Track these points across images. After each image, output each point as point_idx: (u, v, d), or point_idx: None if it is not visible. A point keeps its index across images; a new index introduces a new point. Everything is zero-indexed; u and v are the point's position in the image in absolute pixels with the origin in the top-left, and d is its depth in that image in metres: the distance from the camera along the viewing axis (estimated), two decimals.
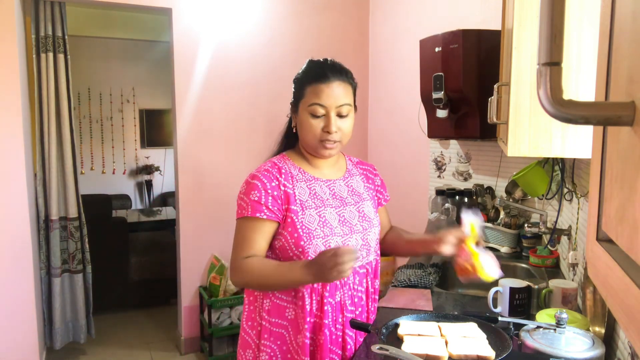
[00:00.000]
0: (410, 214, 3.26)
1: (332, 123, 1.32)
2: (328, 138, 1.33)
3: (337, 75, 1.34)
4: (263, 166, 1.39)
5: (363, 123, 3.71)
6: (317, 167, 1.43)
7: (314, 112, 1.32)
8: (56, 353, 3.24)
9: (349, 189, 1.45)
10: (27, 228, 2.84)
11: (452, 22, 2.62)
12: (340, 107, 1.33)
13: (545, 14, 0.40)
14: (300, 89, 1.36)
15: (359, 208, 1.43)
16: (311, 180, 1.40)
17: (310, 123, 1.33)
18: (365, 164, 1.59)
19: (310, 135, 1.34)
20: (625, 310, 0.38)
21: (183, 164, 3.21)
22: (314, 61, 1.41)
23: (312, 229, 1.32)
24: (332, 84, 1.32)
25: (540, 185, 2.06)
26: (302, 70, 1.40)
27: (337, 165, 1.48)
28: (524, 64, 1.28)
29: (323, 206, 1.37)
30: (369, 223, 1.43)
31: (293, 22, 3.39)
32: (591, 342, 1.18)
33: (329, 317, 1.34)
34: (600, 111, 0.39)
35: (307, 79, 1.35)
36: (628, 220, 0.39)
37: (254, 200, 1.32)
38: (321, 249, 1.31)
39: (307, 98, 1.33)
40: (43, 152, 3.07)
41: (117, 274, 4.00)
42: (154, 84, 6.25)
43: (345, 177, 1.47)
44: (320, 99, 1.31)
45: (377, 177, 1.57)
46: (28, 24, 3.11)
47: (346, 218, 1.38)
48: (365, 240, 1.41)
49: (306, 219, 1.33)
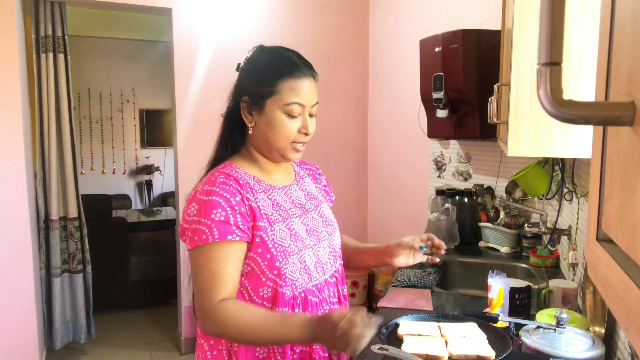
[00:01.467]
0: (410, 214, 3.26)
1: (310, 124, 1.17)
2: (303, 140, 1.18)
3: (310, 69, 1.19)
4: (213, 179, 1.15)
5: (363, 123, 3.71)
6: (270, 172, 1.24)
7: (292, 112, 1.14)
8: (56, 353, 3.24)
9: (305, 193, 1.29)
10: (27, 228, 2.84)
11: (452, 22, 2.62)
12: (314, 106, 1.19)
13: (545, 14, 0.40)
14: (269, 85, 1.15)
15: (320, 212, 1.28)
16: (269, 189, 1.20)
17: (285, 123, 1.15)
18: (308, 163, 1.42)
19: (283, 137, 1.16)
20: (625, 310, 0.38)
21: (183, 164, 3.21)
22: (276, 50, 1.22)
23: (286, 246, 1.14)
24: (308, 80, 1.17)
25: (540, 185, 2.06)
26: (265, 60, 1.20)
27: (287, 170, 1.31)
28: (524, 64, 1.28)
29: (288, 217, 1.19)
30: (332, 227, 1.29)
31: (293, 22, 3.39)
32: (591, 342, 1.18)
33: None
34: (600, 111, 0.39)
35: (281, 73, 1.15)
36: (628, 220, 0.39)
37: (219, 220, 1.08)
38: (297, 267, 1.14)
39: (282, 95, 1.14)
40: (43, 152, 3.07)
41: (117, 274, 4.00)
42: (154, 84, 6.25)
43: (298, 181, 1.30)
44: (300, 97, 1.14)
45: (323, 177, 1.41)
46: (28, 24, 3.11)
47: (311, 226, 1.23)
48: (332, 247, 1.26)
49: (277, 235, 1.14)
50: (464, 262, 2.23)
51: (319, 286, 1.21)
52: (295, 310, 1.15)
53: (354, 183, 3.69)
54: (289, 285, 1.14)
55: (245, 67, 1.23)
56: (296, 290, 1.16)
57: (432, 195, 2.71)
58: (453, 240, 2.40)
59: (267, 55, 1.21)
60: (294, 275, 1.15)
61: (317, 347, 1.19)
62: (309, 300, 1.18)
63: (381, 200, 3.62)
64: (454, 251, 2.37)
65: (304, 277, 1.17)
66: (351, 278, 3.32)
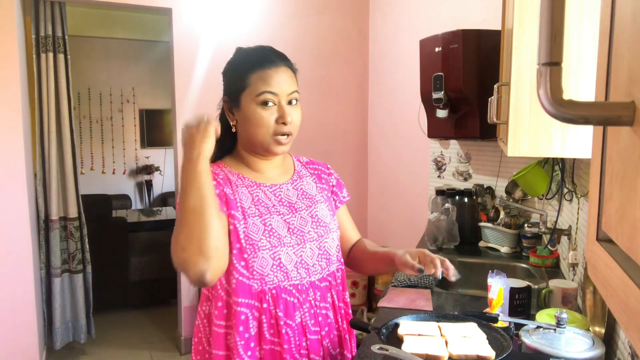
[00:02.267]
0: (410, 214, 3.26)
1: (286, 112, 1.16)
2: (283, 131, 1.17)
3: (282, 59, 1.20)
4: None
5: (363, 123, 3.71)
6: (260, 171, 1.25)
7: (264, 101, 1.15)
8: (56, 353, 3.24)
9: (298, 192, 1.27)
10: (27, 228, 2.84)
11: (452, 22, 2.62)
12: (290, 94, 1.18)
13: (545, 14, 0.40)
14: (241, 79, 1.17)
15: (311, 213, 1.25)
16: (252, 185, 1.21)
17: (261, 115, 1.15)
18: (317, 163, 1.40)
19: (262, 130, 1.16)
20: (625, 310, 0.38)
21: None
22: (250, 48, 1.24)
23: (257, 240, 1.14)
24: (280, 69, 1.17)
25: (540, 185, 2.06)
26: (238, 59, 1.22)
27: (284, 167, 1.30)
28: (524, 64, 1.28)
29: (268, 213, 1.18)
30: (324, 229, 1.25)
31: (293, 22, 3.39)
32: (591, 342, 1.18)
33: (290, 343, 1.17)
34: (600, 111, 0.39)
35: (250, 66, 1.17)
36: (628, 220, 0.39)
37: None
38: (269, 262, 1.15)
39: (253, 87, 1.15)
40: (43, 152, 3.07)
41: (117, 274, 4.00)
42: (154, 84, 6.25)
43: (294, 179, 1.29)
44: (270, 85, 1.15)
45: (332, 177, 1.39)
46: (28, 24, 3.11)
47: (296, 226, 1.21)
48: (323, 249, 1.23)
49: (249, 228, 1.14)
50: (464, 262, 2.23)
51: (299, 287, 1.19)
52: (263, 306, 1.15)
53: (354, 183, 3.69)
54: (257, 279, 1.15)
55: (224, 69, 1.26)
56: (266, 286, 1.16)
57: (432, 195, 2.71)
58: (453, 240, 2.40)
59: (241, 53, 1.24)
60: (263, 270, 1.15)
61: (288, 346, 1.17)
62: (283, 299, 1.17)
63: (381, 200, 3.62)
64: (454, 251, 2.37)
65: (277, 275, 1.16)
66: (351, 278, 3.32)
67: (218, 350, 1.18)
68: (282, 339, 1.16)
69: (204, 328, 1.23)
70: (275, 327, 1.17)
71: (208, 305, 1.23)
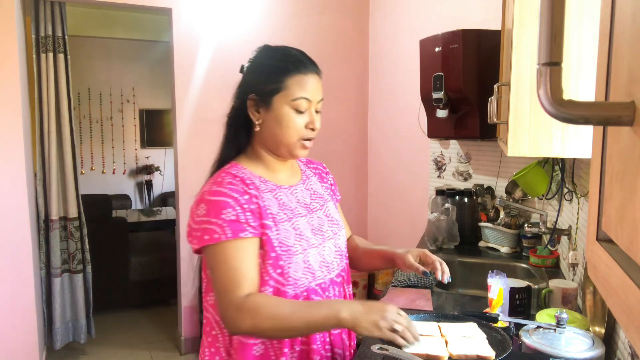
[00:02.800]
0: (410, 214, 3.26)
1: (316, 119, 1.19)
2: (310, 136, 1.19)
3: (315, 66, 1.20)
4: (220, 179, 1.15)
5: (363, 123, 3.71)
6: (276, 172, 1.24)
7: (299, 107, 1.16)
8: (56, 353, 3.24)
9: (310, 192, 1.29)
10: (27, 228, 2.84)
11: (452, 22, 2.62)
12: (319, 102, 1.20)
13: (545, 14, 0.40)
14: (276, 81, 1.16)
15: (325, 212, 1.28)
16: (275, 189, 1.20)
17: (293, 119, 1.16)
18: (314, 162, 1.42)
19: (291, 133, 1.17)
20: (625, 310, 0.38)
21: (183, 164, 3.21)
22: (282, 49, 1.23)
23: (290, 245, 1.14)
24: (314, 76, 1.18)
25: (540, 185, 2.06)
26: (271, 59, 1.22)
27: (293, 169, 1.31)
28: (524, 64, 1.28)
29: (294, 216, 1.19)
30: (337, 226, 1.29)
31: (293, 22, 3.39)
32: (591, 342, 1.18)
33: (317, 341, 1.19)
34: (600, 111, 0.39)
35: (288, 69, 1.17)
36: (628, 220, 0.39)
37: (230, 220, 1.08)
38: (300, 266, 1.15)
39: (290, 90, 1.15)
40: (43, 152, 3.07)
41: (117, 274, 4.00)
42: (154, 84, 6.26)
43: (304, 180, 1.31)
44: (307, 92, 1.16)
45: (330, 176, 1.42)
46: (28, 24, 3.11)
47: (316, 226, 1.23)
48: (337, 246, 1.27)
49: (282, 235, 1.14)
50: (464, 262, 2.23)
51: (323, 285, 1.21)
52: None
53: (354, 183, 3.69)
54: (292, 284, 1.15)
55: (252, 66, 1.24)
56: (298, 290, 1.16)
57: (432, 195, 2.71)
58: (453, 240, 2.40)
59: (273, 53, 1.23)
60: (296, 275, 1.15)
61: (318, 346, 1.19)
62: (312, 300, 1.18)
63: (381, 200, 3.62)
64: (454, 251, 2.37)
65: (307, 277, 1.17)
66: (351, 278, 3.31)
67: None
68: (310, 339, 1.18)
69: (223, 338, 1.18)
70: None
71: None
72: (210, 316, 1.22)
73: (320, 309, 1.04)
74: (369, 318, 1.00)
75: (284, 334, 1.09)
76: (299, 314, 1.04)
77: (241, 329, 1.06)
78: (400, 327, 0.99)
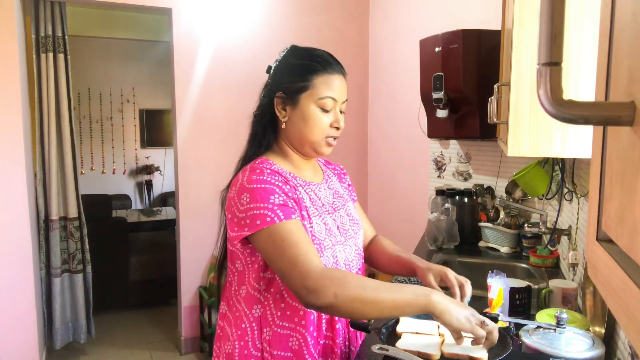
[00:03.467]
0: (410, 214, 3.26)
1: (341, 118, 1.22)
2: (334, 134, 1.22)
3: (341, 67, 1.25)
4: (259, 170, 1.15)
5: (363, 123, 3.71)
6: (302, 169, 1.27)
7: (325, 106, 1.19)
8: (56, 353, 3.25)
9: (332, 192, 1.32)
10: (27, 228, 2.84)
11: (452, 22, 2.62)
12: (344, 102, 1.24)
13: (545, 14, 0.40)
14: (304, 80, 1.19)
15: (347, 211, 1.32)
16: (305, 185, 1.23)
17: (320, 117, 1.19)
18: (332, 163, 1.46)
19: (317, 131, 1.19)
20: (625, 310, 0.38)
21: (183, 164, 3.21)
22: (310, 49, 1.28)
23: (322, 239, 1.17)
24: (340, 77, 1.23)
25: (540, 185, 2.06)
26: (298, 58, 1.25)
27: (315, 168, 1.34)
28: (524, 64, 1.28)
29: (325, 212, 1.23)
30: (357, 226, 1.33)
31: (293, 22, 3.39)
32: (591, 342, 1.18)
33: (339, 336, 1.22)
34: (600, 111, 0.39)
35: (315, 68, 1.20)
36: (628, 220, 0.39)
37: (279, 204, 1.09)
38: (330, 260, 1.17)
39: (316, 89, 1.18)
40: (43, 152, 3.07)
41: (117, 274, 4.00)
42: (154, 84, 6.26)
43: (326, 179, 1.34)
44: (333, 91, 1.19)
45: (347, 177, 1.46)
46: (28, 24, 3.11)
47: (340, 224, 1.27)
48: (357, 245, 1.30)
49: (315, 228, 1.17)
50: (464, 262, 2.23)
51: None
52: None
53: (354, 183, 3.67)
54: None
55: (279, 66, 1.26)
56: None
57: (432, 195, 2.71)
58: (453, 240, 2.40)
59: (301, 53, 1.26)
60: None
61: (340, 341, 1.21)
62: None
63: (381, 200, 3.62)
64: (454, 251, 2.37)
65: None
66: None
67: (281, 351, 1.16)
68: (335, 334, 1.20)
69: (252, 331, 1.19)
70: (329, 323, 1.21)
71: (260, 308, 1.19)
72: (241, 309, 1.21)
73: (409, 287, 1.03)
74: (461, 311, 1.00)
75: (368, 308, 1.00)
76: (386, 287, 1.01)
77: (322, 299, 0.99)
78: (490, 323, 1.01)
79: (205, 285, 3.32)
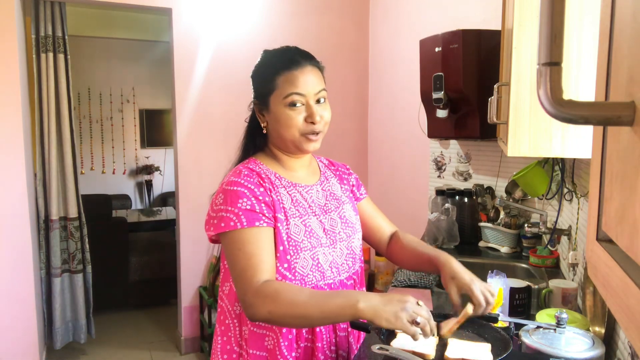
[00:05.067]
0: (410, 214, 3.26)
1: (315, 112, 1.17)
2: (313, 129, 1.19)
3: (306, 59, 1.21)
4: (237, 172, 1.19)
5: (363, 123, 3.71)
6: (293, 170, 1.27)
7: (292, 102, 1.17)
8: (56, 353, 3.25)
9: (326, 193, 1.30)
10: (27, 228, 2.84)
11: (452, 22, 2.62)
12: (318, 93, 1.19)
13: (545, 14, 0.40)
14: (268, 82, 1.19)
15: (340, 214, 1.29)
16: (290, 186, 1.23)
17: (290, 115, 1.17)
18: (337, 164, 1.45)
19: (292, 130, 1.18)
20: (625, 310, 0.38)
21: (183, 164, 3.21)
22: (276, 49, 1.26)
23: (299, 241, 1.17)
24: (305, 69, 1.18)
25: (540, 185, 2.06)
26: (265, 62, 1.24)
27: (311, 168, 1.33)
28: (524, 64, 1.28)
29: (307, 214, 1.21)
30: (352, 229, 1.30)
31: (293, 22, 3.39)
32: (591, 342, 1.18)
33: (323, 340, 1.20)
34: (600, 111, 0.39)
35: (276, 69, 1.19)
36: (628, 220, 0.39)
37: (245, 209, 1.12)
38: (309, 263, 1.17)
39: (280, 89, 1.17)
40: (43, 152, 3.07)
41: (117, 274, 4.00)
42: (154, 84, 6.26)
43: (322, 181, 1.32)
44: (297, 87, 1.16)
45: (352, 176, 1.44)
46: (28, 24, 3.11)
47: (329, 226, 1.24)
48: (350, 249, 1.28)
49: (292, 230, 1.17)
50: (464, 262, 2.20)
51: (332, 286, 1.22)
52: None
53: None
54: (299, 280, 1.17)
55: (252, 73, 1.28)
56: (305, 286, 1.17)
57: (432, 195, 2.71)
58: (453, 240, 2.40)
59: (267, 56, 1.26)
60: (304, 271, 1.17)
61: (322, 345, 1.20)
62: None
63: (381, 200, 3.62)
64: (454, 251, 2.37)
65: (316, 274, 1.19)
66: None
67: (256, 350, 1.18)
68: (315, 337, 1.19)
69: (234, 328, 1.23)
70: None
71: (239, 305, 1.20)
72: (224, 305, 1.26)
73: (337, 298, 1.03)
74: (389, 309, 0.97)
75: (299, 322, 1.07)
76: (315, 301, 1.03)
77: (258, 314, 1.05)
78: (422, 319, 0.97)
79: (205, 285, 3.32)
